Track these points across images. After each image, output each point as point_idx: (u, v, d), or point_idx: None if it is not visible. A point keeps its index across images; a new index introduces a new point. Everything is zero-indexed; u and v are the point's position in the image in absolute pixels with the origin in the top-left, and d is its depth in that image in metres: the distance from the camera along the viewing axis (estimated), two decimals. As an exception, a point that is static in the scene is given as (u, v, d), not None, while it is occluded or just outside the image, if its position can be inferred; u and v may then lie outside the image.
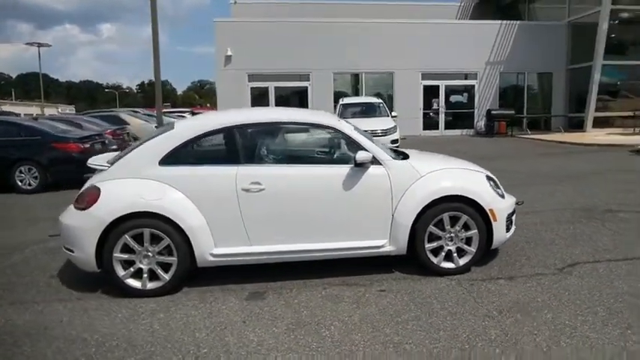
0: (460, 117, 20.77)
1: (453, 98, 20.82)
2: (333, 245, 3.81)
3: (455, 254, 3.94)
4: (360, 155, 3.72)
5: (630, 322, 3.03)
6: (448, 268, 3.93)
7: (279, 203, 3.70)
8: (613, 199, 6.63)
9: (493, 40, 20.12)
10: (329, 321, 3.17)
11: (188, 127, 3.87)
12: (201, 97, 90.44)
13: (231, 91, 19.20)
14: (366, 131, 4.38)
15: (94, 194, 3.60)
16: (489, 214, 3.91)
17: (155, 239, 3.60)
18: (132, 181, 3.66)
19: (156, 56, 10.49)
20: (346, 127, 3.97)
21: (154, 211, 3.53)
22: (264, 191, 3.66)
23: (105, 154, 4.39)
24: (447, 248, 3.92)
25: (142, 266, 3.62)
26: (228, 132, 3.80)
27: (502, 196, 4.10)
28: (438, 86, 20.56)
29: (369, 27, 19.70)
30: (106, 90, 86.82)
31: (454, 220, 3.90)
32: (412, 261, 4.03)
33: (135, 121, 15.25)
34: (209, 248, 3.65)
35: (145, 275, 3.62)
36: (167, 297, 3.61)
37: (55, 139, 9.14)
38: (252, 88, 19.93)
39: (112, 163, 3.83)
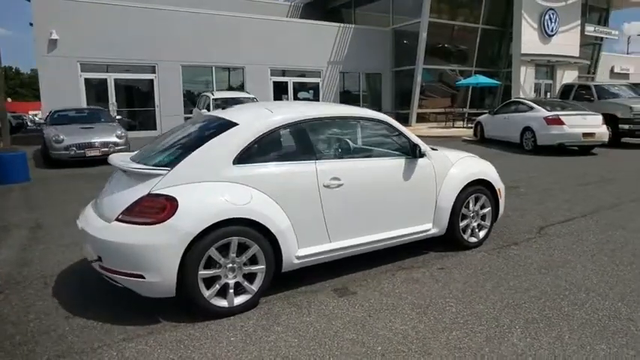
0: (307, 112, 21.98)
1: (301, 95, 21.94)
2: (395, 233, 4.02)
3: (477, 229, 4.58)
4: (422, 147, 4.02)
5: (628, 259, 4.14)
6: (474, 242, 4.55)
7: (355, 197, 3.73)
8: (504, 178, 8.31)
9: (333, 41, 21.91)
10: (440, 300, 3.42)
11: (256, 121, 3.51)
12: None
13: (59, 82, 16.29)
14: None
15: (169, 203, 3.01)
16: (497, 193, 4.68)
17: (240, 248, 3.22)
18: (210, 185, 3.18)
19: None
20: (396, 122, 4.18)
21: (246, 216, 3.16)
22: (343, 186, 3.64)
23: (123, 154, 3.61)
24: (472, 225, 4.53)
25: (228, 281, 3.20)
26: (301, 126, 3.61)
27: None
28: (287, 82, 21.41)
29: (216, 19, 19.18)
30: None
31: (475, 200, 4.53)
32: (435, 240, 4.49)
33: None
34: (294, 251, 3.45)
35: (231, 291, 3.21)
36: (249, 313, 3.26)
37: None
38: (86, 79, 17.31)
39: (160, 165, 3.22)
